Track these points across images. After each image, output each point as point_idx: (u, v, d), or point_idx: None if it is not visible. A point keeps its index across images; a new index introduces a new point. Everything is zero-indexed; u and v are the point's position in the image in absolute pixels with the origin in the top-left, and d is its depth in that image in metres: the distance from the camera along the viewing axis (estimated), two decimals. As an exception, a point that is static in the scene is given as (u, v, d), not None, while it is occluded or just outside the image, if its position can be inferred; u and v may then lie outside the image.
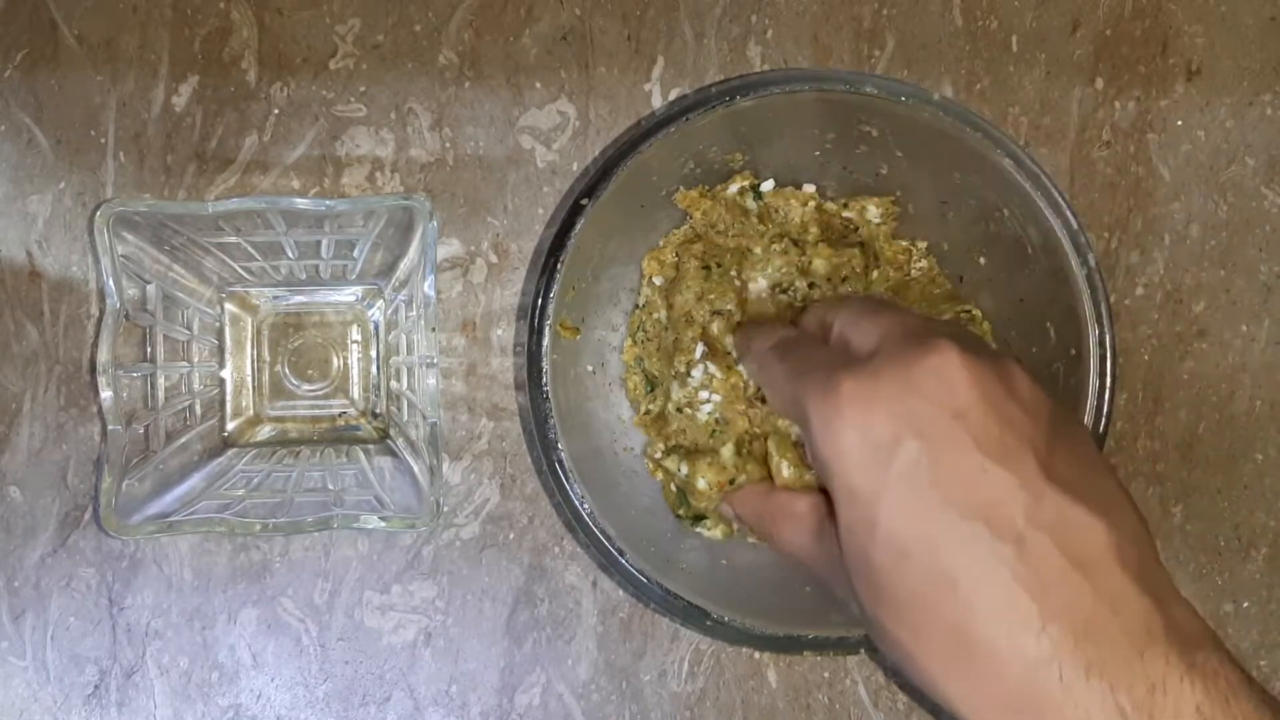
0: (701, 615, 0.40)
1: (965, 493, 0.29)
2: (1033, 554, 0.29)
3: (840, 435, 0.31)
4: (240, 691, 0.46)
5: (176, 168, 0.47)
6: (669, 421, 0.43)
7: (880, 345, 0.33)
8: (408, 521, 0.40)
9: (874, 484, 0.30)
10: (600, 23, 0.47)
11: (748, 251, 0.44)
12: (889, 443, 0.30)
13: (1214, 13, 0.49)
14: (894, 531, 0.30)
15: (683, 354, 0.43)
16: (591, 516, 0.40)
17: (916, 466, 0.30)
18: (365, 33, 0.47)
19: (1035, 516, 0.29)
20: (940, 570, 0.29)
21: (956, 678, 0.29)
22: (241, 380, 0.47)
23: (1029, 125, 0.48)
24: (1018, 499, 0.29)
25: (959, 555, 0.29)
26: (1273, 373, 0.48)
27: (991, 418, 0.30)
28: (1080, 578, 0.29)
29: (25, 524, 0.46)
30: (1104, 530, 0.29)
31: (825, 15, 0.48)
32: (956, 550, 0.29)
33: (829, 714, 0.47)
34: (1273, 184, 0.49)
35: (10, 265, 0.46)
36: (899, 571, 0.30)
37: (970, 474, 0.30)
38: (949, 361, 0.31)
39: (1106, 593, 0.29)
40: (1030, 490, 0.29)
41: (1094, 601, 0.29)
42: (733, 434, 0.41)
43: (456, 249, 0.47)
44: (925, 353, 0.31)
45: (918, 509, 0.30)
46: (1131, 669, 0.28)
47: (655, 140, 0.39)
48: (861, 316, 0.35)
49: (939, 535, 0.29)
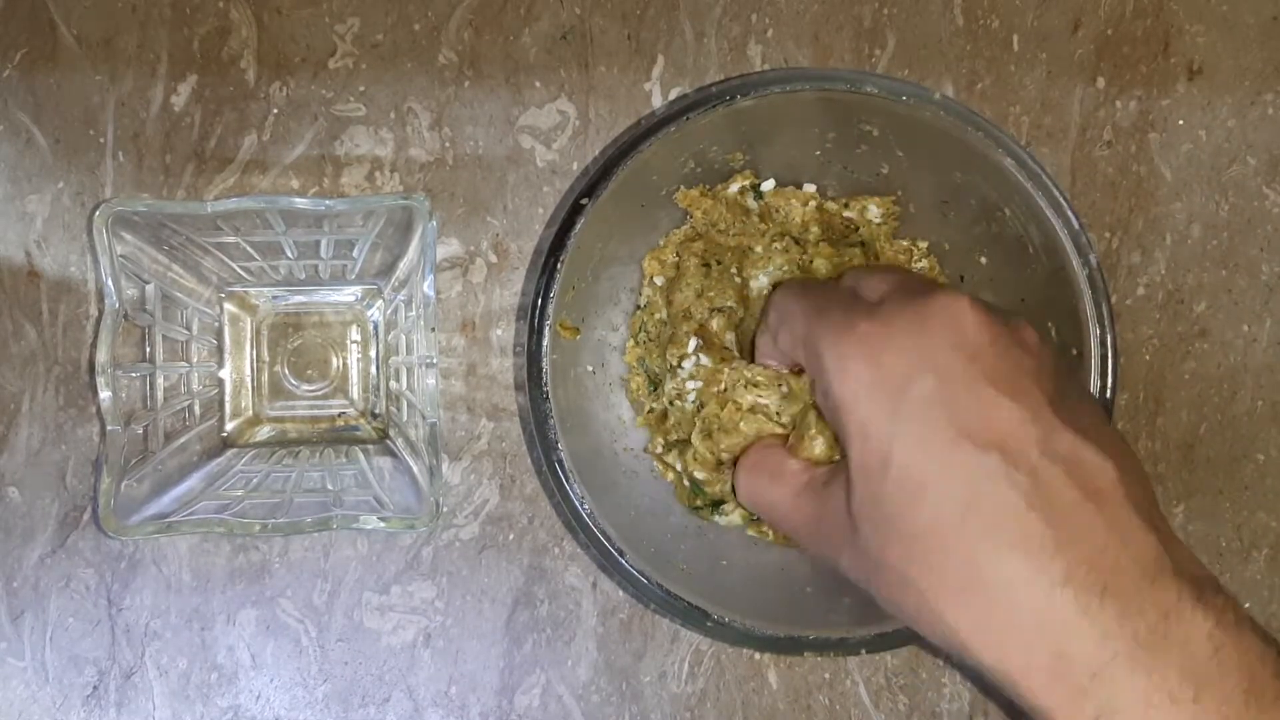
0: (702, 616, 0.39)
1: (980, 425, 0.30)
2: (1047, 484, 0.29)
3: (855, 373, 0.32)
4: (239, 692, 0.46)
5: (175, 167, 0.46)
6: (669, 417, 0.43)
7: (891, 292, 0.34)
8: (407, 522, 0.40)
9: (888, 419, 0.31)
10: (600, 22, 0.47)
11: (748, 250, 0.44)
12: (903, 379, 0.31)
13: (1215, 12, 0.48)
14: (909, 465, 0.30)
15: (676, 347, 0.42)
16: (591, 517, 0.40)
17: (930, 401, 0.30)
18: (364, 32, 0.47)
19: (1048, 449, 0.30)
20: (956, 501, 0.29)
21: (971, 609, 0.29)
22: (240, 380, 0.47)
23: (1030, 125, 0.48)
24: (1030, 432, 0.30)
25: (975, 485, 0.29)
26: (1274, 373, 0.48)
27: (1003, 359, 0.31)
28: (1093, 509, 0.29)
29: (24, 524, 0.46)
30: (1113, 469, 0.30)
31: (826, 14, 0.48)
32: (972, 480, 0.29)
33: (830, 715, 0.47)
34: (1274, 184, 0.48)
35: (9, 265, 0.46)
36: (914, 505, 0.30)
37: (984, 407, 0.30)
38: (960, 306, 0.32)
39: (1117, 525, 0.29)
40: (1042, 425, 0.30)
41: (1106, 532, 0.29)
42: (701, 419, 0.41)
43: (456, 249, 0.47)
44: (937, 296, 0.32)
45: (933, 442, 0.30)
46: (1144, 596, 0.28)
47: (655, 140, 0.39)
48: (872, 273, 0.36)
49: (955, 466, 0.30)
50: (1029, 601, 0.29)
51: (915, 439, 0.30)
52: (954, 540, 0.29)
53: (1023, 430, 0.30)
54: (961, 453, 0.30)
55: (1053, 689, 0.28)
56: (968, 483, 0.29)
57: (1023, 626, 0.29)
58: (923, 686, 0.47)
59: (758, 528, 0.43)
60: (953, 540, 0.29)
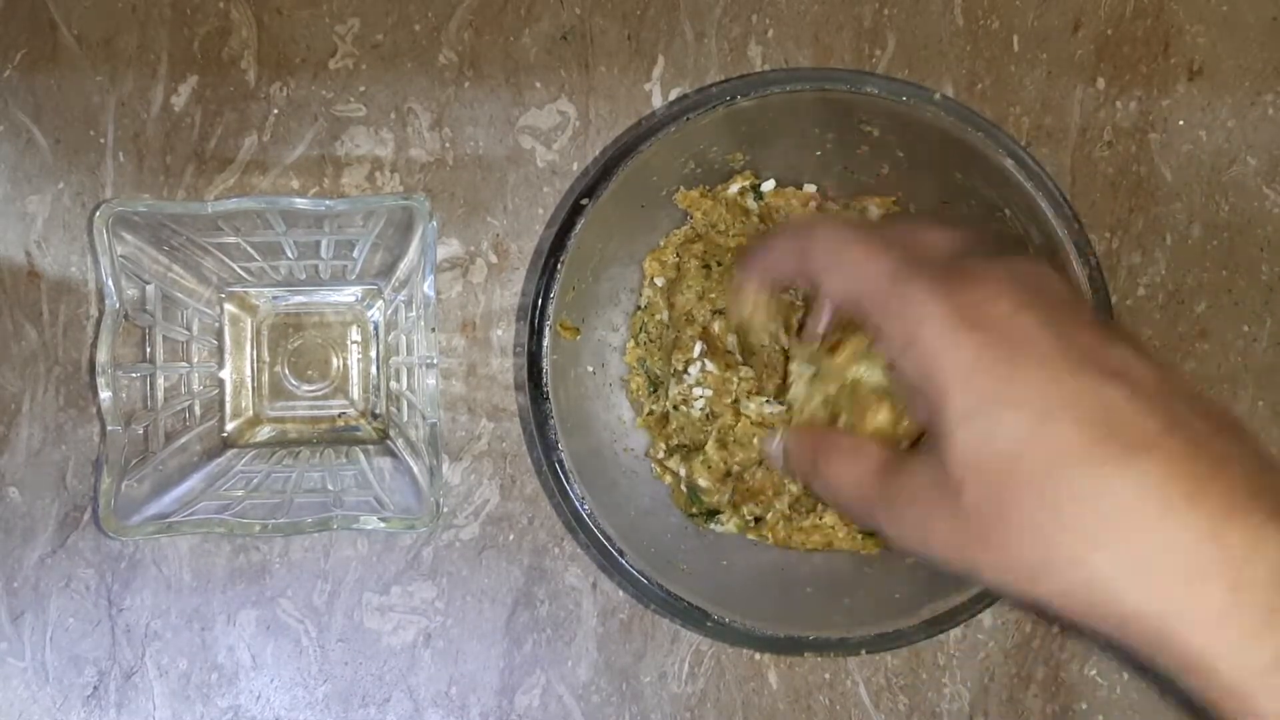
0: (702, 616, 0.39)
1: (1095, 359, 0.28)
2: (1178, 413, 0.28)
3: (952, 317, 0.30)
4: (239, 693, 0.46)
5: (176, 168, 0.46)
6: (670, 421, 0.43)
7: (961, 251, 0.33)
8: (407, 522, 0.40)
9: (994, 356, 0.29)
10: (600, 22, 0.47)
11: (748, 251, 0.44)
12: (1007, 317, 0.29)
13: (1216, 12, 0.48)
14: (1025, 396, 0.28)
15: (681, 352, 0.43)
16: (591, 517, 0.40)
17: (1040, 335, 0.29)
18: (365, 32, 0.47)
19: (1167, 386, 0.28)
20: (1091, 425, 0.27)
21: (1121, 547, 0.26)
22: (241, 381, 0.47)
23: (1030, 125, 0.48)
24: (1146, 369, 0.29)
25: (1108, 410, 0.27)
26: (1275, 373, 0.48)
27: (1092, 315, 0.31)
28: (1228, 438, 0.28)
29: (24, 525, 0.46)
30: (1226, 409, 0.29)
31: (826, 15, 0.48)
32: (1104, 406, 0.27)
33: (830, 715, 0.47)
34: (1274, 184, 0.48)
35: (9, 265, 0.46)
36: (1036, 437, 0.28)
37: (1094, 344, 0.29)
38: (1044, 268, 0.31)
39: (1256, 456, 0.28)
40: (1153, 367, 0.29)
41: (1250, 460, 0.27)
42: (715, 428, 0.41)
43: (456, 249, 0.47)
44: (1020, 259, 0.32)
45: (1050, 371, 0.28)
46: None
47: (656, 140, 0.39)
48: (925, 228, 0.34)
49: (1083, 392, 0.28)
50: (1190, 533, 0.26)
51: (1030, 371, 0.28)
52: (1092, 470, 0.27)
53: (1137, 366, 0.28)
54: (1088, 378, 0.28)
55: (1223, 630, 0.26)
56: (1097, 408, 0.27)
57: (1186, 561, 0.26)
58: (923, 687, 0.47)
59: (756, 531, 0.43)
60: (1088, 471, 0.27)
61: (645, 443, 0.45)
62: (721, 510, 0.42)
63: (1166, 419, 0.27)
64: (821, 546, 0.43)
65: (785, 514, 0.43)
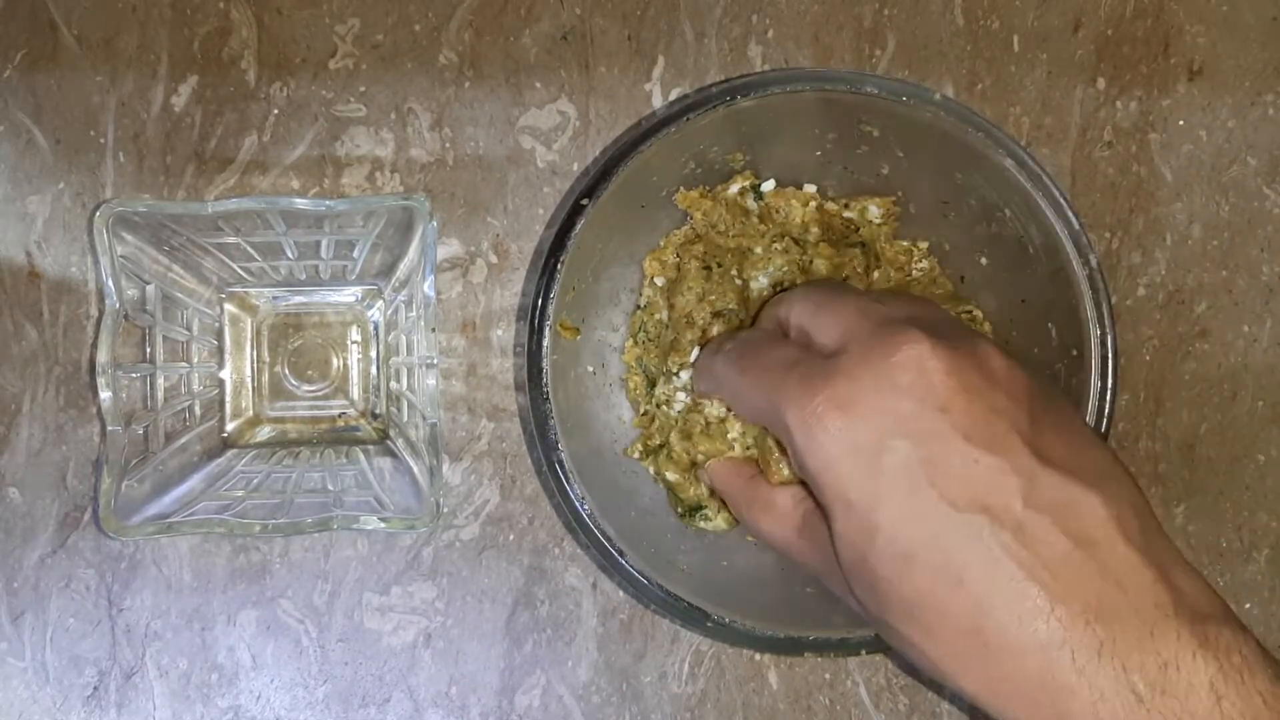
0: (702, 616, 0.39)
1: (960, 487, 0.29)
2: (1034, 538, 0.29)
3: (825, 445, 0.31)
4: (240, 693, 0.46)
5: (176, 168, 0.46)
6: (654, 421, 0.43)
7: (845, 341, 0.32)
8: (407, 522, 0.40)
9: (868, 491, 0.30)
10: (600, 23, 0.47)
11: (748, 251, 0.44)
12: (876, 446, 0.30)
13: (1216, 12, 0.48)
14: (895, 536, 0.30)
15: (678, 355, 0.43)
16: (591, 517, 0.40)
17: (908, 467, 0.30)
18: (365, 32, 0.47)
19: (1032, 499, 0.29)
20: (946, 568, 0.29)
21: (973, 671, 0.29)
22: (241, 381, 0.47)
23: (1030, 125, 0.48)
24: (1012, 485, 0.29)
25: (962, 550, 0.29)
26: (1275, 373, 0.48)
27: (974, 406, 0.30)
28: (1084, 556, 0.29)
29: (24, 525, 0.46)
30: (1102, 504, 0.29)
31: (826, 15, 0.48)
32: (959, 546, 0.29)
33: (830, 715, 0.47)
34: (1275, 184, 0.48)
35: (9, 266, 0.46)
36: (904, 575, 0.30)
37: (962, 467, 0.29)
38: (922, 354, 0.30)
39: (1112, 570, 0.28)
40: (1023, 474, 0.29)
41: (1100, 580, 0.28)
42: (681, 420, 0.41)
43: (456, 249, 0.47)
44: (896, 347, 0.31)
45: (915, 510, 0.30)
46: (1143, 647, 0.28)
47: (655, 140, 0.39)
48: (819, 309, 0.35)
49: (940, 533, 0.29)
50: (1029, 664, 0.28)
51: (898, 509, 0.30)
52: (949, 607, 0.29)
53: (1004, 484, 0.29)
54: (945, 519, 0.29)
55: None
56: (957, 549, 0.29)
57: (1025, 689, 0.28)
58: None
59: (744, 534, 0.43)
60: (947, 607, 0.29)
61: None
62: (705, 506, 0.42)
63: (1017, 551, 0.29)
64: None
65: None
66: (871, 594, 0.31)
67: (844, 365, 0.31)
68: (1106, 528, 0.29)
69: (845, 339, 0.33)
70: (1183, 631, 0.28)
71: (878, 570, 0.30)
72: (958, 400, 0.30)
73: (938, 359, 0.30)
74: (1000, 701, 0.29)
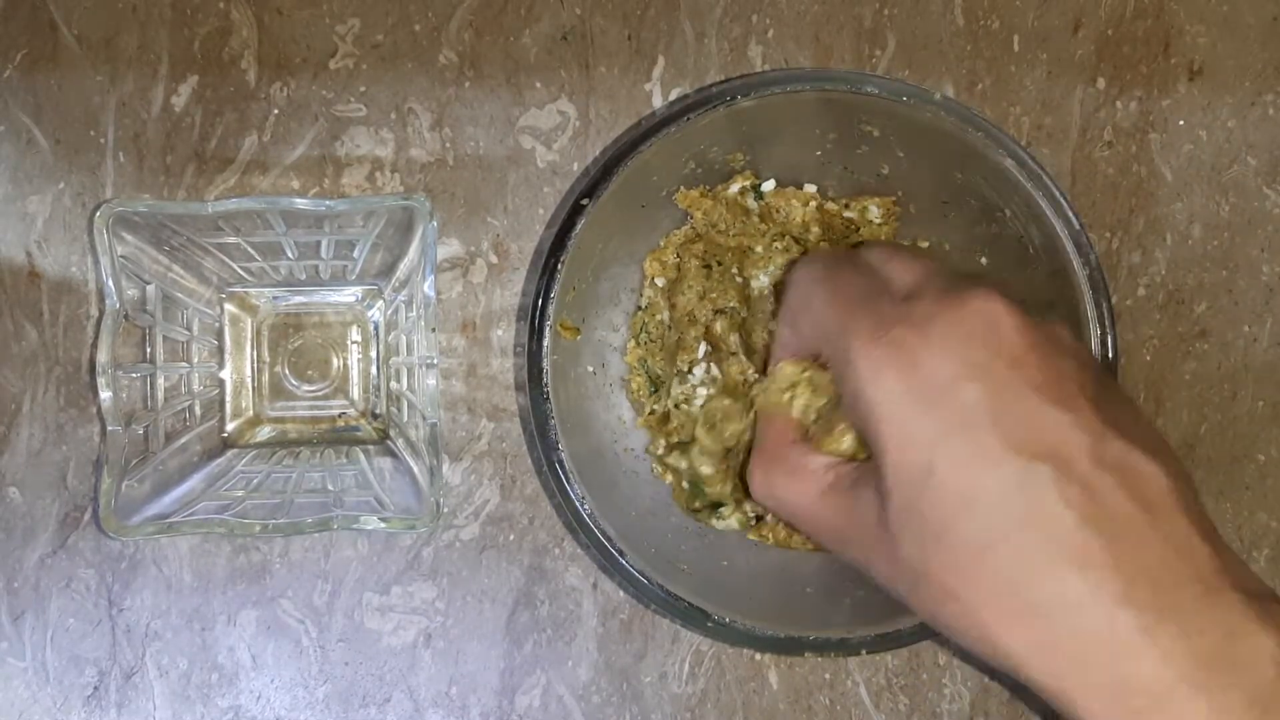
0: (702, 616, 0.39)
1: (1028, 434, 0.29)
2: (1101, 496, 0.28)
3: (890, 380, 0.30)
4: (240, 693, 0.46)
5: (176, 168, 0.46)
6: (671, 420, 0.43)
7: (921, 286, 0.32)
8: (407, 522, 0.40)
9: (930, 428, 0.29)
10: (600, 22, 0.47)
11: (749, 250, 0.44)
12: (944, 388, 0.29)
13: (1216, 12, 0.48)
14: (954, 477, 0.29)
15: (686, 353, 0.43)
16: (592, 517, 0.40)
17: (976, 408, 0.29)
18: (365, 32, 0.47)
19: (1099, 458, 0.28)
20: (1008, 515, 0.28)
21: (1022, 628, 0.28)
22: (241, 381, 0.47)
23: (1030, 125, 0.48)
24: (1081, 441, 0.29)
25: (1025, 497, 0.28)
26: (1275, 373, 0.48)
27: (1045, 365, 0.30)
28: (1148, 520, 0.28)
29: (25, 525, 0.46)
30: (1163, 475, 0.29)
31: (826, 15, 0.48)
32: (1023, 492, 0.28)
33: (830, 715, 0.47)
34: (1275, 184, 0.48)
35: (9, 266, 0.46)
36: (961, 519, 0.29)
37: (1031, 416, 0.29)
38: (997, 309, 0.30)
39: (1174, 538, 0.28)
40: (1092, 433, 0.29)
41: (1163, 545, 0.28)
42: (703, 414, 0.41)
43: (456, 249, 0.47)
44: (972, 298, 0.31)
45: (980, 451, 0.29)
46: (1207, 614, 0.27)
47: (656, 140, 0.39)
48: (896, 257, 0.35)
49: (1004, 477, 0.28)
50: (1087, 622, 0.27)
51: (961, 450, 0.29)
52: (1006, 557, 0.28)
53: (1073, 439, 0.29)
54: (1011, 465, 0.28)
55: (1111, 713, 0.27)
56: (1019, 497, 0.28)
57: (1081, 648, 0.28)
58: (923, 687, 0.47)
59: (757, 531, 0.43)
60: (1005, 556, 0.28)
61: (645, 442, 0.45)
62: (725, 503, 0.42)
63: (1083, 505, 0.28)
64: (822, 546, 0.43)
65: None
66: (919, 542, 0.30)
67: (920, 307, 0.31)
68: (1168, 498, 0.28)
69: (921, 285, 0.33)
70: (1243, 605, 0.27)
71: (930, 512, 0.29)
72: (1030, 357, 0.30)
73: (1011, 317, 0.30)
74: (1051, 664, 0.28)
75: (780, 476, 0.36)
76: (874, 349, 0.31)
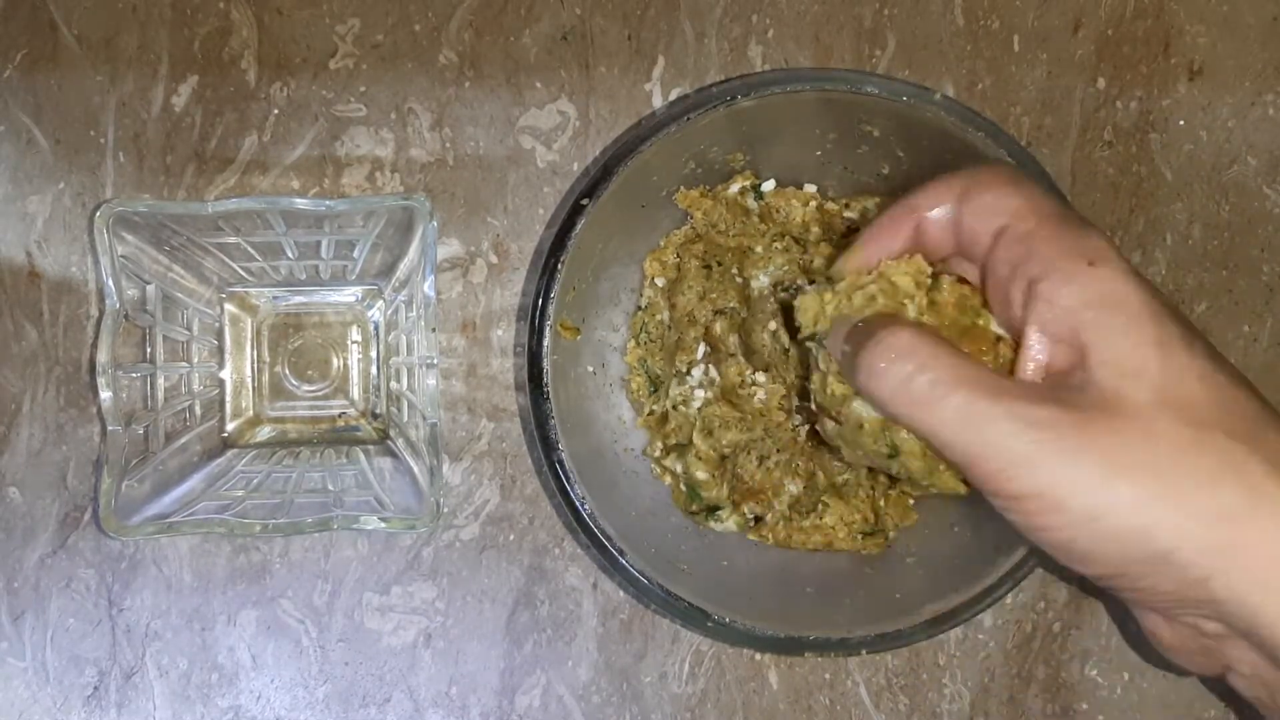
0: (702, 616, 0.39)
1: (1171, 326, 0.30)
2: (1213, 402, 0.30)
3: (1134, 296, 0.31)
4: (240, 693, 0.46)
5: (176, 168, 0.46)
6: (669, 421, 0.43)
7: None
8: (408, 522, 0.40)
9: (1180, 354, 0.30)
10: (600, 23, 0.47)
11: (749, 250, 0.44)
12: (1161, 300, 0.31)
13: (1216, 12, 0.48)
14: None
15: (685, 353, 0.43)
16: (592, 517, 0.40)
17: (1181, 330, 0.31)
18: (365, 32, 0.47)
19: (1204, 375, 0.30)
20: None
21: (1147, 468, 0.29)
22: (241, 381, 0.47)
23: (1031, 125, 0.48)
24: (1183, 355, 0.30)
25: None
26: (1274, 373, 0.48)
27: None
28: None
29: (25, 525, 0.46)
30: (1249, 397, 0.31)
31: (826, 15, 0.48)
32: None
33: (830, 715, 0.47)
34: (1275, 184, 0.48)
35: (10, 266, 0.46)
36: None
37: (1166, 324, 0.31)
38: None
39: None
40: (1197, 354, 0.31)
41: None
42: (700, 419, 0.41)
43: (456, 249, 0.47)
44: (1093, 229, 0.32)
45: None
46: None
47: (656, 140, 0.39)
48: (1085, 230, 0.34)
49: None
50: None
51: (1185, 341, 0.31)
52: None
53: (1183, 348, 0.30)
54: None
55: None
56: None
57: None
58: (923, 687, 0.47)
59: (756, 532, 0.43)
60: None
61: (645, 443, 0.45)
62: (722, 506, 0.42)
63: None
64: (821, 546, 0.43)
65: (785, 514, 0.43)
66: (1175, 431, 0.30)
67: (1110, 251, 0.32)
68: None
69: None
70: None
71: (1191, 403, 0.30)
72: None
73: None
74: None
75: (961, 395, 0.31)
76: (1104, 240, 0.32)
